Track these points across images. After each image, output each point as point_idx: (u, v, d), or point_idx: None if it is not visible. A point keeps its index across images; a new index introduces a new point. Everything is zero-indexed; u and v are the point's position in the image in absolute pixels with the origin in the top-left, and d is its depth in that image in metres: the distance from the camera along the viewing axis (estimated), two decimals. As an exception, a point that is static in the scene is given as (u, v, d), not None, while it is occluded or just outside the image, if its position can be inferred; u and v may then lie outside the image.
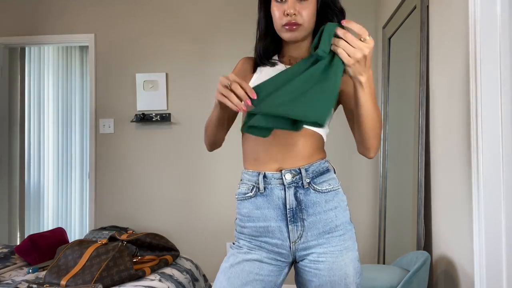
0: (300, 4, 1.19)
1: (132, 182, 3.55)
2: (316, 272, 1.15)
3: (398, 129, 2.68)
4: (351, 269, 1.16)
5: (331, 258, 1.15)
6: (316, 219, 1.16)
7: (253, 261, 1.19)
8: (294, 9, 1.18)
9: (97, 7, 3.62)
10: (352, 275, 1.16)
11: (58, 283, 1.83)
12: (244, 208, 1.24)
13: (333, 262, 1.15)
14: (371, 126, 1.10)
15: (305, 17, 1.20)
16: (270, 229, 1.18)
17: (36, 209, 4.51)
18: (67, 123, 4.71)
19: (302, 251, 1.18)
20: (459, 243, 1.74)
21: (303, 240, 1.17)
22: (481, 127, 1.49)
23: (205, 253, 3.36)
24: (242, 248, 1.22)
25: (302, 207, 1.17)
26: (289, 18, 1.18)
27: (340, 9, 1.24)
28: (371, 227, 3.23)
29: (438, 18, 2.00)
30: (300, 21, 1.19)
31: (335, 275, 1.14)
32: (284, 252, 1.19)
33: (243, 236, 1.24)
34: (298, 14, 1.18)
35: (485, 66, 1.48)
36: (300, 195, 1.17)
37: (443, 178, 1.94)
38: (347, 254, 1.16)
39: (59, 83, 4.68)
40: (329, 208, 1.17)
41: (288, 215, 1.17)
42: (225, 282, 1.18)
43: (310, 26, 1.22)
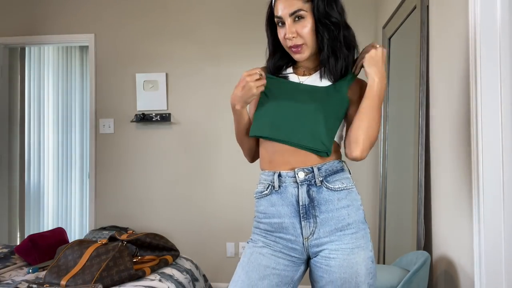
0: (297, 24, 1.25)
1: (132, 182, 3.55)
2: (327, 269, 1.18)
3: (398, 129, 2.68)
4: (362, 268, 1.18)
5: (342, 255, 1.18)
6: (328, 216, 1.20)
7: (270, 256, 1.24)
8: (292, 32, 1.25)
9: (97, 7, 3.62)
10: (363, 274, 1.18)
11: (58, 283, 1.83)
12: (261, 206, 1.28)
13: (344, 260, 1.17)
14: (367, 123, 1.22)
15: (304, 36, 1.25)
16: (284, 225, 1.23)
17: (36, 209, 4.51)
18: (67, 123, 4.71)
19: (315, 247, 1.21)
20: (459, 243, 1.74)
21: (316, 236, 1.20)
22: (481, 127, 1.49)
23: (205, 253, 3.37)
24: (257, 243, 1.27)
25: (315, 204, 1.20)
26: (290, 42, 1.26)
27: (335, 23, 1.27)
28: (371, 227, 3.21)
29: (438, 18, 2.00)
30: (300, 41, 1.26)
31: (346, 272, 1.16)
32: (298, 248, 1.23)
33: (259, 231, 1.28)
34: (297, 36, 1.25)
35: (485, 66, 1.48)
36: (313, 192, 1.21)
37: (443, 178, 1.94)
38: (359, 253, 1.19)
39: (59, 83, 4.68)
40: (342, 206, 1.21)
41: (301, 212, 1.21)
42: (243, 275, 1.23)
43: (313, 42, 1.27)
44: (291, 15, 1.24)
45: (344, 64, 1.29)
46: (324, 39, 1.26)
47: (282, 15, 1.26)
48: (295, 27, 1.25)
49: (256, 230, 1.29)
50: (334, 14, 1.26)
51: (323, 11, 1.24)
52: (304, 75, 1.35)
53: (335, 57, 1.28)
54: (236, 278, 1.24)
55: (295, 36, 1.25)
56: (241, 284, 1.22)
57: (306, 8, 1.25)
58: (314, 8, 1.24)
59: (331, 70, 1.29)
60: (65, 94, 4.71)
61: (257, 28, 3.23)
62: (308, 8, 1.25)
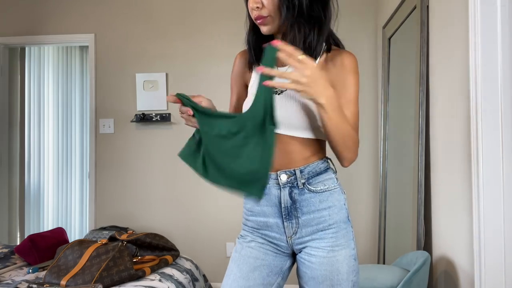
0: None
1: (132, 182, 3.55)
2: (309, 265, 1.21)
3: (398, 129, 2.68)
4: (344, 266, 1.18)
5: (322, 253, 1.19)
6: (310, 218, 1.20)
7: (258, 248, 1.26)
8: (256, 1, 1.16)
9: (97, 7, 3.62)
10: (345, 272, 1.18)
11: (58, 283, 1.83)
12: (247, 204, 1.30)
13: (324, 257, 1.18)
14: (341, 141, 1.13)
15: (269, 8, 1.15)
16: (269, 224, 1.24)
17: (36, 209, 4.51)
18: (67, 123, 4.71)
19: (298, 245, 1.24)
20: (459, 243, 1.74)
21: (298, 235, 1.22)
22: (481, 127, 1.49)
23: (205, 253, 3.37)
24: (246, 238, 1.30)
25: (297, 206, 1.20)
26: (255, 12, 1.17)
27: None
28: (371, 227, 3.23)
29: (438, 18, 2.00)
30: (265, 13, 1.16)
31: (327, 270, 1.18)
32: (283, 244, 1.25)
33: (247, 227, 1.31)
34: (262, 7, 1.15)
35: (485, 66, 1.48)
36: (295, 194, 1.20)
37: (443, 178, 1.94)
38: (340, 252, 1.19)
39: (59, 83, 4.68)
40: (323, 207, 1.20)
41: (283, 213, 1.22)
42: (235, 269, 1.26)
43: (277, 14, 1.17)
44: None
45: (307, 41, 1.16)
46: (282, 10, 1.14)
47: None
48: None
49: (244, 226, 1.32)
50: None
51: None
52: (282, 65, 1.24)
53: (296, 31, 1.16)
54: (228, 272, 1.28)
55: (259, 7, 1.16)
56: (234, 277, 1.25)
57: None
58: None
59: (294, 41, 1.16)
60: (65, 94, 4.71)
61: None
62: None
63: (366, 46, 3.32)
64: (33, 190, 4.49)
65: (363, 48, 3.32)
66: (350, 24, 3.32)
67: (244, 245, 1.28)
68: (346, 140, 1.12)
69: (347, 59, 1.19)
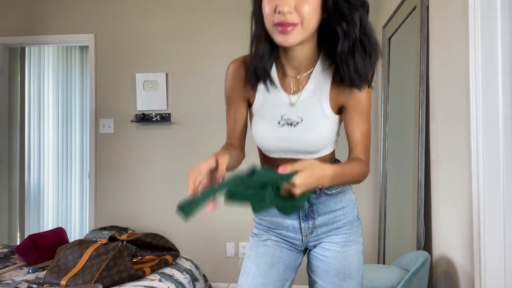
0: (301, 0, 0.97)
1: (132, 182, 3.55)
2: (323, 259, 1.25)
3: (398, 129, 2.68)
4: (355, 260, 1.25)
5: (337, 248, 1.24)
6: (325, 218, 1.25)
7: (274, 246, 1.29)
8: (289, 5, 0.96)
9: (97, 7, 3.62)
10: (356, 266, 1.25)
11: (58, 283, 1.83)
12: None
13: (339, 252, 1.24)
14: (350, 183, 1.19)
15: (304, 15, 0.97)
16: (285, 224, 1.28)
17: (36, 209, 4.51)
18: (67, 123, 4.71)
19: (313, 242, 1.28)
20: (459, 243, 1.74)
21: (314, 234, 1.26)
22: (481, 126, 1.49)
23: (205, 253, 3.37)
24: (261, 236, 1.32)
25: (314, 208, 1.25)
26: (281, 17, 0.97)
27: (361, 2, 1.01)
28: (371, 227, 3.22)
29: (438, 18, 2.00)
30: (297, 20, 0.98)
31: (340, 263, 1.23)
32: (297, 242, 1.29)
33: (261, 227, 1.33)
34: (294, 12, 0.97)
35: (485, 66, 1.48)
36: (312, 199, 1.24)
37: (443, 178, 1.94)
38: (352, 247, 1.26)
39: (59, 83, 4.68)
40: (338, 208, 1.26)
41: (301, 215, 1.26)
42: (253, 266, 1.28)
43: (311, 27, 1.01)
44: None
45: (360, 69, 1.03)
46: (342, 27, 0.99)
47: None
48: (294, 0, 0.96)
49: (258, 225, 1.34)
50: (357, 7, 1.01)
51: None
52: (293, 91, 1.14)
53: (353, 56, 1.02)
54: (246, 270, 1.29)
55: (291, 12, 0.96)
56: (252, 274, 1.27)
57: None
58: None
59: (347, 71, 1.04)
60: (65, 94, 4.71)
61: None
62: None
63: (366, 46, 3.31)
64: (33, 190, 4.49)
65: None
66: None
67: (260, 243, 1.31)
68: (355, 181, 1.16)
69: None
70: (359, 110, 1.14)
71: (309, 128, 1.14)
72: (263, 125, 1.17)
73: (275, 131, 1.16)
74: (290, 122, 1.14)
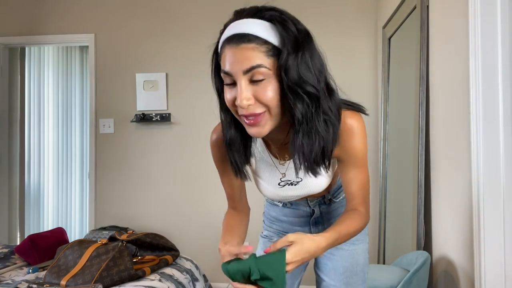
0: (255, 86, 0.88)
1: (132, 182, 3.55)
2: (331, 257, 1.29)
3: (398, 129, 2.68)
4: (361, 258, 1.29)
5: (344, 246, 1.28)
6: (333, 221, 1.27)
7: None
8: (247, 97, 0.87)
9: (97, 7, 3.62)
10: (362, 264, 1.29)
11: (58, 283, 1.83)
12: (273, 212, 1.38)
13: (346, 250, 1.28)
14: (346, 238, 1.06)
15: (267, 103, 0.88)
16: (295, 230, 1.33)
17: (36, 209, 4.51)
18: (67, 123, 4.71)
19: None
20: (459, 243, 1.74)
21: None
22: (481, 126, 1.49)
23: (205, 253, 3.37)
24: (272, 238, 1.37)
25: (323, 215, 1.31)
26: (244, 110, 0.89)
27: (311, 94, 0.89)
28: (371, 227, 3.23)
29: (438, 18, 2.00)
30: (260, 109, 0.89)
31: (347, 261, 1.27)
32: None
33: (272, 229, 1.38)
34: (255, 103, 0.88)
35: (485, 65, 1.48)
36: (323, 208, 1.31)
37: (443, 178, 1.94)
38: (359, 245, 1.29)
39: (59, 83, 4.68)
40: None
41: (311, 222, 1.32)
42: None
43: (279, 111, 0.90)
44: (246, 72, 0.86)
45: (320, 151, 0.94)
46: (298, 111, 0.88)
47: (233, 71, 0.88)
48: (252, 90, 0.87)
49: (269, 228, 1.39)
50: (310, 80, 0.88)
51: (294, 76, 0.86)
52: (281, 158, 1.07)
53: (308, 139, 0.92)
54: None
55: (251, 104, 0.88)
56: None
57: (269, 64, 0.86)
58: (281, 69, 0.86)
59: (304, 159, 0.95)
60: (65, 94, 4.71)
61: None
62: (272, 65, 0.87)
63: (366, 46, 3.32)
64: (33, 190, 4.49)
65: (363, 48, 3.32)
66: (350, 24, 3.32)
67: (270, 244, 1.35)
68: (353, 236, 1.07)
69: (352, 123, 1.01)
70: (352, 161, 1.05)
71: (309, 183, 1.12)
72: (265, 185, 1.15)
73: (277, 190, 1.15)
74: (290, 183, 1.12)
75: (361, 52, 3.30)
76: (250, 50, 0.86)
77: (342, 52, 3.30)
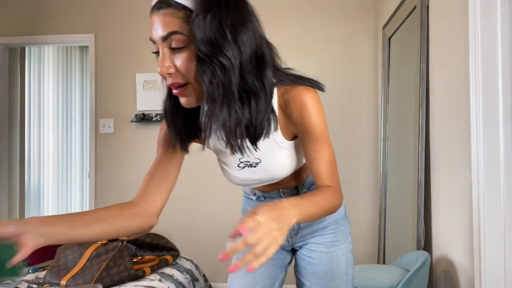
0: (175, 55, 0.84)
1: (132, 182, 3.55)
2: (310, 260, 1.22)
3: (398, 129, 2.68)
4: (343, 260, 1.21)
5: (322, 249, 1.21)
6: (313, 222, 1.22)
7: None
8: (164, 65, 0.84)
9: (97, 7, 3.62)
10: (344, 265, 1.21)
11: (58, 283, 1.83)
12: (248, 206, 1.33)
13: (325, 253, 1.21)
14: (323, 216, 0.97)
15: (184, 72, 0.84)
16: None
17: (36, 209, 4.51)
18: (67, 123, 4.71)
19: (299, 243, 1.26)
20: (459, 243, 1.74)
21: (299, 236, 1.25)
22: (481, 126, 1.49)
23: (205, 253, 3.37)
24: None
25: None
26: (168, 79, 0.86)
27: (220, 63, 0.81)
28: (371, 227, 3.22)
29: (438, 18, 2.00)
30: (181, 79, 0.85)
31: (327, 264, 1.20)
32: (284, 243, 1.28)
33: None
34: (176, 72, 0.84)
35: (485, 65, 1.48)
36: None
37: (443, 178, 1.94)
38: (339, 246, 1.22)
39: (59, 83, 4.68)
40: None
41: None
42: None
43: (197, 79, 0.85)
44: (164, 39, 0.83)
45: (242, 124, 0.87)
46: (202, 83, 0.82)
47: (155, 38, 0.86)
48: (172, 58, 0.84)
49: None
50: (222, 46, 0.81)
51: (200, 41, 0.80)
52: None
53: (226, 115, 0.85)
54: None
55: (171, 73, 0.84)
56: (241, 274, 1.26)
57: (186, 31, 0.81)
58: (190, 33, 0.81)
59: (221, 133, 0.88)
60: (65, 94, 4.71)
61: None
62: (190, 32, 0.81)
63: (366, 46, 3.32)
64: (33, 190, 4.49)
65: (363, 48, 3.32)
66: (350, 24, 3.32)
67: None
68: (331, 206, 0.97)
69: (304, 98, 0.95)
70: (311, 138, 0.98)
71: (269, 165, 1.08)
72: (226, 168, 1.13)
73: (237, 173, 1.11)
74: (249, 164, 1.08)
75: (361, 52, 3.30)
76: (168, 16, 0.82)
77: (342, 52, 3.30)
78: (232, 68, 0.82)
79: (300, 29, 3.34)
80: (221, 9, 0.81)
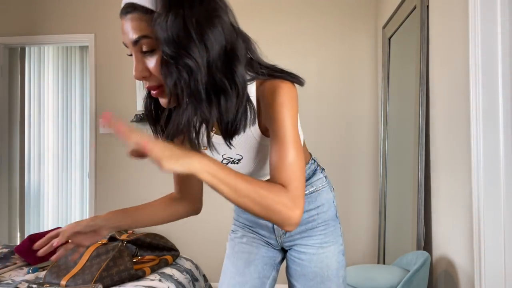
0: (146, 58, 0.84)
1: (132, 182, 3.55)
2: (300, 262, 1.21)
3: (398, 129, 2.68)
4: (333, 262, 1.19)
5: (312, 250, 1.19)
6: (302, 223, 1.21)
7: (251, 243, 1.27)
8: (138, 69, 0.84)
9: (97, 7, 3.62)
10: (334, 267, 1.20)
11: (58, 283, 1.83)
12: None
13: (314, 254, 1.19)
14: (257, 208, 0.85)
15: (154, 73, 0.83)
16: (259, 223, 1.26)
17: (36, 209, 4.51)
18: (67, 123, 4.71)
19: (288, 243, 1.25)
20: (459, 243, 1.74)
21: (288, 235, 1.24)
22: (481, 126, 1.49)
23: (205, 253, 3.37)
24: (237, 232, 1.31)
25: None
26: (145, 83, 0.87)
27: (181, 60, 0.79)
28: (371, 227, 3.23)
29: (438, 18, 2.00)
30: (155, 82, 0.85)
31: (316, 266, 1.19)
32: (272, 242, 1.27)
33: (238, 223, 1.33)
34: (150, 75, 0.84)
35: (485, 65, 1.48)
36: None
37: (443, 178, 1.94)
38: (329, 248, 1.20)
39: (59, 83, 4.69)
40: (312, 207, 1.20)
41: None
42: (230, 266, 1.27)
43: None
44: (134, 44, 0.83)
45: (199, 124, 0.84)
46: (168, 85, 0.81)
47: (126, 43, 0.85)
48: (143, 62, 0.84)
49: (235, 222, 1.34)
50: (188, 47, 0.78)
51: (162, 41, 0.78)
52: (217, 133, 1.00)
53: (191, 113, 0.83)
54: (224, 269, 1.28)
55: (146, 76, 0.85)
56: (230, 274, 1.26)
57: (153, 34, 0.80)
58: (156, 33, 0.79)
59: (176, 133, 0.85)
60: (65, 94, 4.71)
61: (259, 25, 3.24)
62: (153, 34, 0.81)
63: (366, 46, 3.32)
64: (33, 190, 4.49)
65: (363, 48, 3.32)
66: (350, 24, 3.32)
67: (236, 241, 1.29)
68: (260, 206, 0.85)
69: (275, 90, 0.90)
70: (274, 135, 0.89)
71: (251, 161, 1.05)
72: None
73: None
74: (232, 160, 1.06)
75: (361, 52, 3.31)
76: (135, 21, 0.81)
77: (342, 52, 3.30)
78: (198, 68, 0.79)
79: (300, 29, 3.34)
80: (185, 7, 0.79)
